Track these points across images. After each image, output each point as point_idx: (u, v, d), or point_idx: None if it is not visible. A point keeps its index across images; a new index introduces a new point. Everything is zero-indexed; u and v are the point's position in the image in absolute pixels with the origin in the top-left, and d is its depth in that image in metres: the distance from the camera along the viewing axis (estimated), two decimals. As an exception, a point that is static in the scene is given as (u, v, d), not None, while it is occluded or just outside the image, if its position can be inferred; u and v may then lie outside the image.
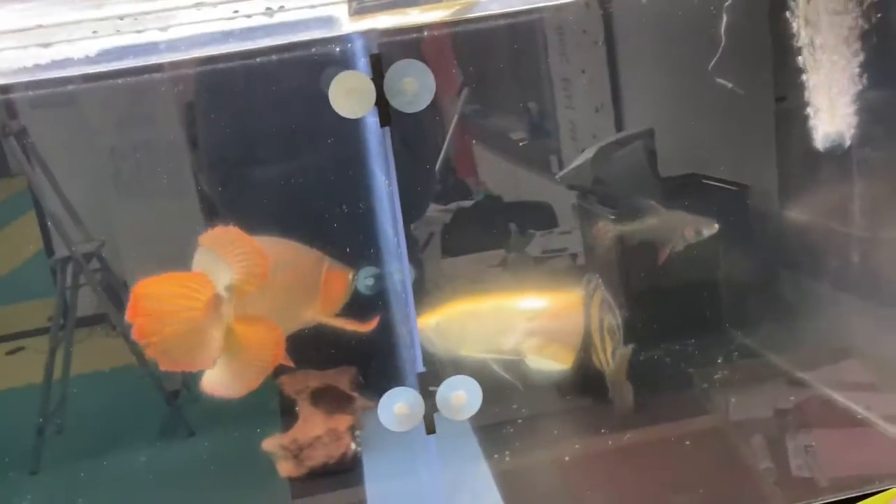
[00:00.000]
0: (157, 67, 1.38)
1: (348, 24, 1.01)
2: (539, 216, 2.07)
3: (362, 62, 1.02)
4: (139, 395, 2.33)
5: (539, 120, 2.25)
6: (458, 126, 2.13)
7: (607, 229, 1.42)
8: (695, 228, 1.30)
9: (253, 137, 1.42)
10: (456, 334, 1.20)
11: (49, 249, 2.64)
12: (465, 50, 1.94)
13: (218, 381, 1.05)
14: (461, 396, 1.02)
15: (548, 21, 2.08)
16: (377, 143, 1.13)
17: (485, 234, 2.00)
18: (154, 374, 2.32)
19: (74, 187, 2.31)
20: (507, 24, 2.22)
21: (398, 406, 1.01)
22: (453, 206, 2.20)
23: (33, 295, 2.60)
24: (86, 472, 1.86)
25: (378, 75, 0.95)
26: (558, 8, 2.07)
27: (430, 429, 1.03)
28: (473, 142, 2.31)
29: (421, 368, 1.03)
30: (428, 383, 1.02)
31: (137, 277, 1.17)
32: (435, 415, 1.03)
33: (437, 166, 2.11)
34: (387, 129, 0.98)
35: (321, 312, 1.20)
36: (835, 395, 1.31)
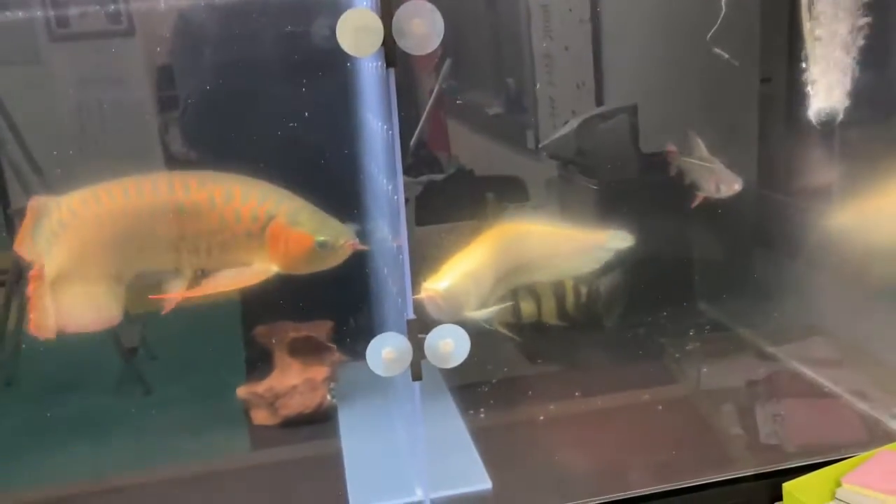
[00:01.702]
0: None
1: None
2: (512, 190, 2.08)
3: (367, 3, 1.01)
4: (95, 351, 2.28)
5: (517, 95, 2.26)
6: (437, 98, 2.13)
7: (674, 157, 1.42)
8: (717, 182, 1.30)
9: (239, 75, 1.39)
10: (461, 297, 1.19)
11: (6, 202, 2.56)
12: (446, 22, 1.93)
13: None
14: (449, 344, 1.02)
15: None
16: (373, 88, 1.12)
17: (457, 205, 2.00)
18: (111, 330, 2.27)
19: (35, 139, 2.25)
20: (491, 3, 2.22)
21: (386, 351, 1.00)
22: (424, 178, 2.20)
23: (-13, 246, 2.52)
24: (36, 423, 1.82)
25: (387, 15, 0.94)
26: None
27: (417, 375, 1.02)
28: (448, 116, 2.30)
29: (411, 315, 1.02)
30: (417, 330, 1.02)
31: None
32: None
33: (415, 137, 2.10)
34: (391, 70, 0.97)
35: (277, 265, 1.16)
36: (803, 369, 1.35)
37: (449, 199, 2.05)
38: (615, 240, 1.34)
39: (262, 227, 1.13)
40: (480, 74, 2.38)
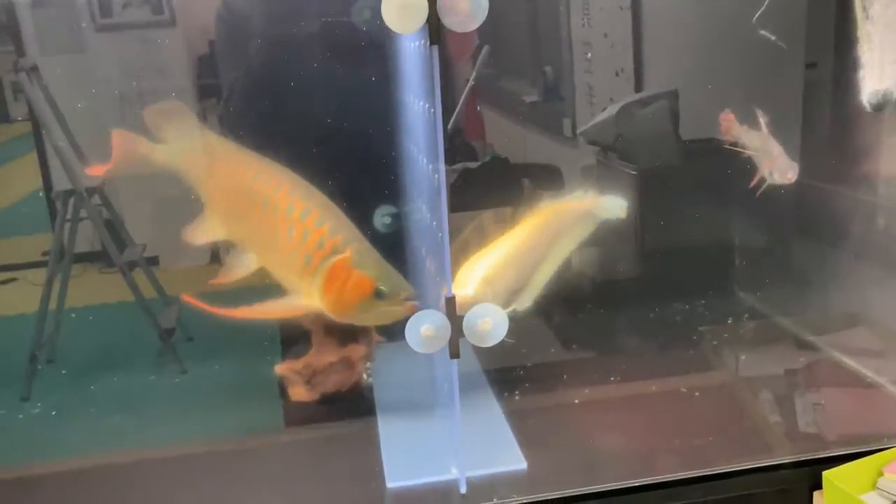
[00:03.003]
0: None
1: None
2: (547, 178, 2.07)
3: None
4: (133, 331, 2.33)
5: (555, 83, 2.25)
6: (473, 86, 2.12)
7: (731, 125, 1.37)
8: (772, 167, 1.25)
9: (279, 57, 1.40)
10: (504, 285, 1.15)
11: (49, 186, 2.62)
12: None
13: None
14: (487, 322, 1.02)
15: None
16: (416, 67, 1.12)
17: (492, 193, 2.00)
18: (149, 311, 2.31)
19: (79, 126, 2.30)
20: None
21: (424, 328, 1.01)
22: (459, 165, 2.20)
23: (28, 230, 2.58)
24: (75, 400, 1.86)
25: (432, -8, 0.94)
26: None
27: (455, 353, 1.03)
28: (484, 103, 2.30)
29: (451, 293, 1.03)
30: (455, 308, 1.02)
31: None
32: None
33: (451, 124, 2.10)
34: (434, 48, 0.97)
35: (324, 304, 1.08)
36: (844, 358, 1.33)
37: (483, 186, 2.05)
38: (609, 207, 1.28)
39: (324, 259, 1.07)
40: (517, 62, 2.37)
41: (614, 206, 1.29)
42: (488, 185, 2.06)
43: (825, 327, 1.39)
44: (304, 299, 1.10)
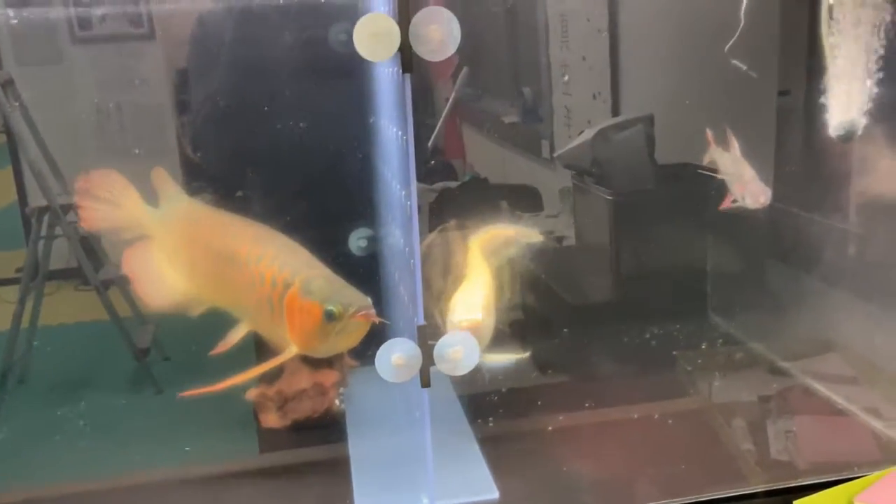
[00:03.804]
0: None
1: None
2: (526, 199, 2.08)
3: (384, 9, 1.01)
4: (108, 351, 2.30)
5: (533, 104, 2.26)
6: (453, 106, 2.13)
7: (711, 150, 1.36)
8: (744, 191, 1.25)
9: (254, 80, 1.40)
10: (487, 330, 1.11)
11: (24, 201, 2.59)
12: (464, 31, 1.94)
13: None
14: (458, 351, 1.01)
15: (551, 9, 2.09)
16: (389, 93, 1.12)
17: (472, 212, 2.00)
18: (124, 330, 2.29)
19: (56, 141, 2.28)
20: (510, 10, 2.23)
21: (395, 357, 1.00)
22: (439, 185, 2.20)
23: (2, 246, 2.55)
24: (46, 423, 1.83)
25: (404, 20, 0.94)
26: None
27: (426, 382, 1.02)
28: (464, 124, 2.31)
29: (421, 321, 1.02)
30: (427, 336, 1.02)
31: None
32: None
33: (431, 143, 2.11)
34: (407, 76, 0.97)
35: (294, 342, 1.04)
36: (816, 385, 1.33)
37: (463, 206, 2.05)
38: (528, 233, 1.27)
39: (280, 296, 1.03)
40: (497, 83, 2.38)
41: (531, 233, 1.28)
42: (468, 204, 2.06)
43: (798, 353, 1.40)
44: (293, 347, 1.06)
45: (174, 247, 1.15)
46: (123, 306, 2.28)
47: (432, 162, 2.20)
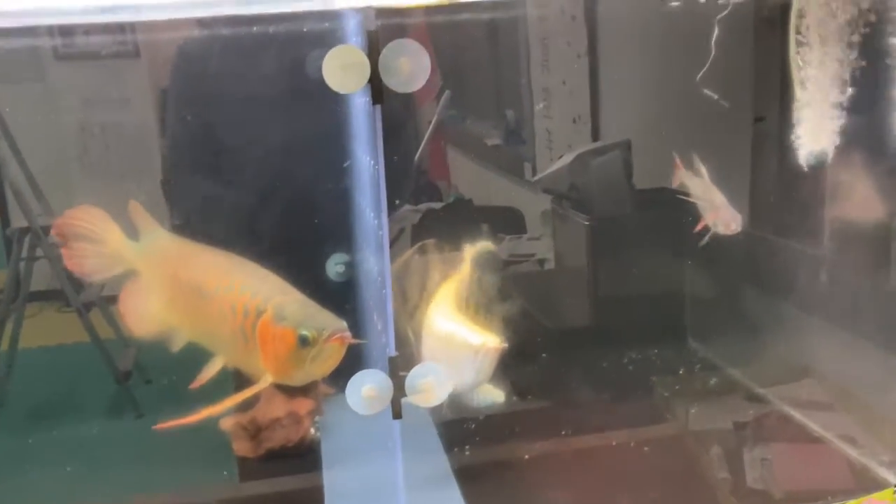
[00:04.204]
0: (130, 28, 1.36)
1: (346, 0, 1.00)
2: (509, 221, 2.09)
3: (356, 40, 1.01)
4: (90, 373, 2.28)
5: (516, 127, 2.27)
6: (436, 128, 2.14)
7: (676, 170, 1.35)
8: (715, 217, 1.25)
9: (230, 110, 1.40)
10: None
11: (5, 221, 2.58)
12: (446, 55, 1.96)
13: None
14: (430, 383, 1.01)
15: (532, 32, 2.11)
16: (363, 124, 1.12)
17: (454, 234, 2.00)
18: (106, 353, 2.27)
19: (38, 161, 2.27)
20: (492, 35, 2.24)
21: (367, 388, 1.00)
22: (423, 206, 2.20)
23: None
24: (24, 446, 1.81)
25: (374, 52, 0.94)
26: (542, 20, 2.09)
27: (397, 414, 1.01)
28: (448, 145, 2.32)
29: (393, 352, 1.02)
30: (398, 368, 1.01)
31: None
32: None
33: (414, 164, 2.11)
34: (377, 107, 0.97)
35: (269, 371, 1.02)
36: (793, 412, 1.33)
37: (447, 228, 2.06)
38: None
39: (253, 325, 1.01)
40: (480, 105, 2.40)
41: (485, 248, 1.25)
42: (452, 226, 2.06)
43: (775, 379, 1.40)
44: (268, 376, 1.04)
45: (156, 281, 1.14)
46: (106, 328, 2.27)
47: (419, 181, 2.20)
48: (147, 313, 1.13)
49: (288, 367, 1.03)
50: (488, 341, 1.05)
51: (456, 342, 1.10)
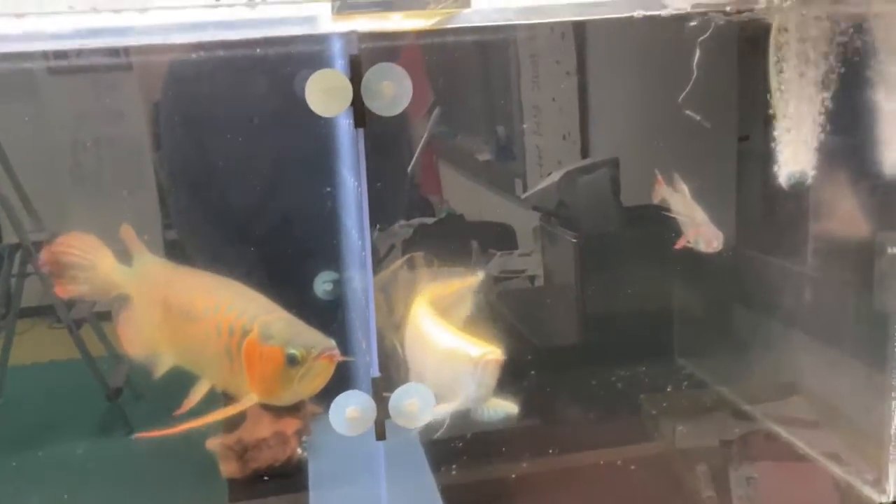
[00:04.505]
0: (125, 52, 1.36)
1: (330, 24, 1.01)
2: (501, 237, 2.09)
3: (339, 64, 1.02)
4: (81, 390, 2.28)
5: (506, 143, 2.28)
6: (427, 144, 2.15)
7: (658, 186, 1.35)
8: (696, 234, 1.25)
9: (218, 131, 1.41)
10: None
11: (-2, 238, 2.58)
12: (438, 71, 1.97)
13: None
14: (414, 404, 1.01)
15: (522, 49, 2.12)
16: (348, 145, 1.13)
17: (445, 251, 2.00)
18: (97, 370, 2.27)
19: (30, 176, 2.28)
20: (483, 51, 2.25)
21: (350, 410, 1.00)
22: (416, 221, 2.21)
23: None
24: (14, 463, 1.81)
25: (356, 76, 0.95)
26: (531, 38, 2.10)
27: (381, 435, 1.02)
28: (440, 161, 2.33)
29: (376, 373, 1.02)
30: (382, 389, 1.02)
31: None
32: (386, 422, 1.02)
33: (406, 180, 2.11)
34: (360, 130, 0.98)
35: (255, 392, 1.01)
36: (778, 429, 1.33)
37: (438, 243, 2.06)
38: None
39: (238, 345, 1.00)
40: (471, 121, 2.41)
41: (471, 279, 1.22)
42: (444, 242, 2.07)
43: (761, 396, 1.40)
44: (252, 395, 1.03)
45: (146, 306, 1.14)
46: (97, 345, 2.27)
47: (411, 196, 2.21)
48: (138, 337, 1.13)
49: (275, 387, 1.02)
50: (488, 353, 1.02)
51: (453, 355, 1.06)
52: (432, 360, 1.11)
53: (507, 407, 1.08)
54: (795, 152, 1.05)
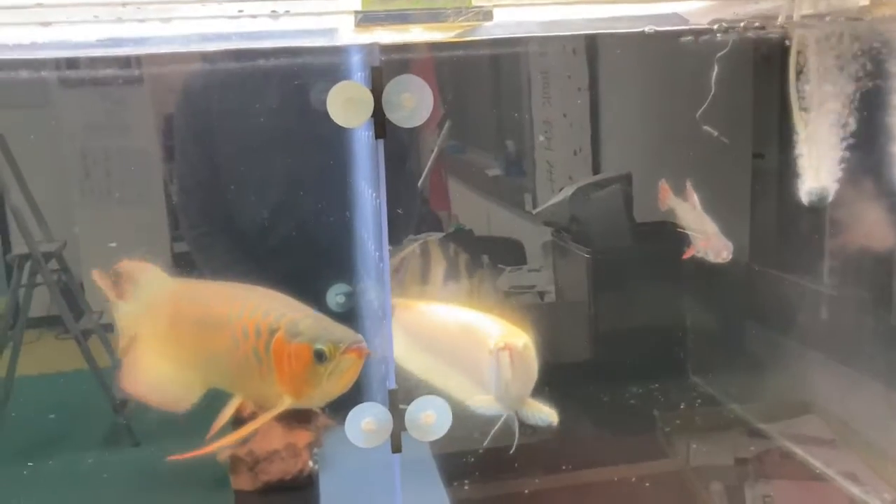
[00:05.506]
0: (142, 61, 1.37)
1: (351, 36, 1.01)
2: (510, 252, 2.09)
3: (359, 76, 1.02)
4: (87, 401, 2.27)
5: (517, 158, 2.29)
6: (437, 159, 2.15)
7: (666, 195, 1.32)
8: (707, 246, 1.24)
9: (237, 141, 1.41)
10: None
11: (6, 247, 2.59)
12: (449, 86, 1.98)
13: None
14: (430, 416, 1.00)
15: (534, 65, 2.13)
16: (365, 157, 1.13)
17: (455, 264, 2.00)
18: (103, 381, 2.26)
19: (41, 187, 2.28)
20: (494, 68, 2.26)
21: (366, 422, 0.99)
22: (423, 236, 2.21)
23: (-17, 293, 2.53)
24: (21, 474, 1.80)
25: (377, 88, 0.95)
26: (542, 53, 2.11)
27: (397, 447, 1.01)
28: (450, 175, 2.33)
29: (393, 385, 1.01)
30: (398, 401, 1.01)
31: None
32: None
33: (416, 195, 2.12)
34: (380, 141, 0.98)
35: (286, 393, 0.98)
36: (794, 448, 1.32)
37: (447, 258, 2.06)
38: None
39: (266, 345, 0.98)
40: (482, 136, 2.41)
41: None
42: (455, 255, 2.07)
43: (777, 415, 1.39)
44: (286, 398, 1.03)
45: (161, 335, 1.10)
46: (104, 356, 2.26)
47: (420, 211, 2.21)
48: (154, 375, 1.10)
49: (305, 386, 0.99)
50: (511, 337, 0.86)
51: (469, 336, 0.93)
52: (448, 340, 1.01)
53: (548, 414, 1.00)
54: (816, 168, 1.05)
